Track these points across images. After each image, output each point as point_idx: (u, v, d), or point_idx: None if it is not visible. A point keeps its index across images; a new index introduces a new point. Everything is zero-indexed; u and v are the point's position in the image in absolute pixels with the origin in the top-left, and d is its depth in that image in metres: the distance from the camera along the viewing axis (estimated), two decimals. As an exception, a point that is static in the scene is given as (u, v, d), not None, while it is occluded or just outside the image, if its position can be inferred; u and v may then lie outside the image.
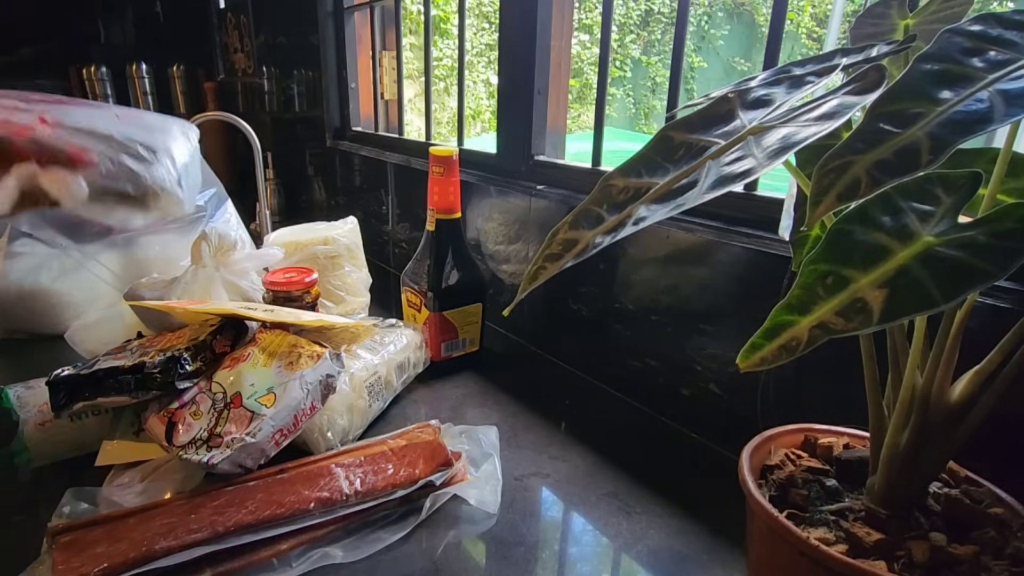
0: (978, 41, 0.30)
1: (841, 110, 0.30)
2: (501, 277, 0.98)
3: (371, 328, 0.74)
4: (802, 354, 0.29)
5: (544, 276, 0.35)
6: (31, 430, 0.60)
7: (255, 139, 1.22)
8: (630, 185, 0.35)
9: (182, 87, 2.36)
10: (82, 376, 0.57)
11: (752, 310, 0.62)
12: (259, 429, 0.53)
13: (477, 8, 4.93)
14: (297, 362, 0.58)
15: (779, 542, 0.36)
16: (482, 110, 4.98)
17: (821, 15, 5.71)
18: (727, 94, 0.37)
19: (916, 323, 0.37)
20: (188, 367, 0.58)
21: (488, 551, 0.52)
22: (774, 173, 0.32)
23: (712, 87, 0.48)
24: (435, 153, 0.79)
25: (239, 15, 1.91)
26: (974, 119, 0.26)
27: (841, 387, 0.52)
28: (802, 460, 0.43)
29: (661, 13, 5.71)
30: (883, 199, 0.31)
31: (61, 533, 0.47)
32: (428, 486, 0.56)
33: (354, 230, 0.92)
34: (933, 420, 0.36)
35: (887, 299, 0.28)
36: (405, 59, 1.31)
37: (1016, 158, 0.36)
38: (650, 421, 0.73)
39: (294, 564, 0.49)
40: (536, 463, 0.64)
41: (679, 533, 0.54)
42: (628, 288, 0.76)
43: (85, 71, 2.21)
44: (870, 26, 0.45)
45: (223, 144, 2.18)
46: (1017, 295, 0.46)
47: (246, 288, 0.79)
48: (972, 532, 0.36)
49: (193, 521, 0.48)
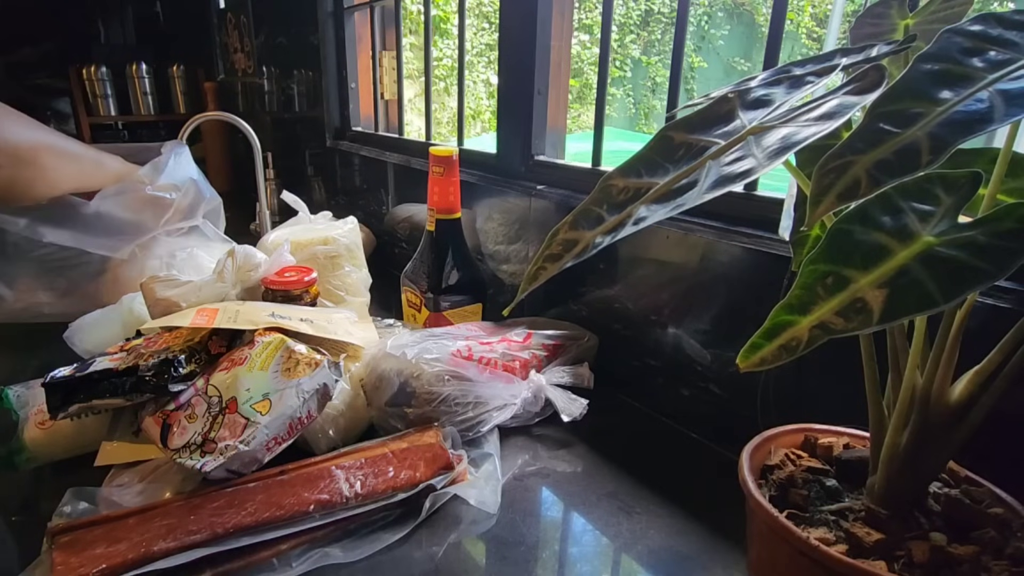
0: (978, 41, 0.30)
1: (841, 110, 0.30)
2: (501, 277, 0.98)
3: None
4: (802, 354, 0.29)
5: (544, 276, 0.35)
6: (31, 430, 0.60)
7: (255, 139, 1.22)
8: (630, 185, 0.35)
9: (182, 87, 2.36)
10: (77, 378, 0.57)
11: (752, 310, 0.62)
12: (253, 437, 0.53)
13: (477, 8, 4.93)
14: (295, 369, 0.58)
15: (779, 542, 0.36)
16: (482, 110, 4.99)
17: (821, 15, 5.71)
18: (727, 94, 0.37)
19: (916, 323, 0.37)
20: (182, 370, 0.58)
21: (488, 551, 0.52)
22: (774, 173, 0.32)
23: (712, 87, 0.48)
24: (435, 153, 0.79)
25: (239, 15, 1.92)
26: (974, 119, 0.26)
27: (841, 387, 0.52)
28: (802, 460, 0.43)
29: (661, 13, 5.71)
30: (883, 199, 0.31)
31: (61, 533, 0.47)
32: (429, 488, 0.56)
33: (354, 230, 0.92)
34: (933, 420, 0.36)
35: (887, 299, 0.28)
36: (405, 59, 1.31)
37: (1016, 158, 0.36)
38: (650, 421, 0.73)
39: (294, 564, 0.49)
40: (536, 463, 0.64)
41: (679, 533, 0.54)
42: (628, 288, 0.76)
43: (85, 71, 2.21)
44: (870, 26, 0.45)
45: (223, 144, 2.18)
46: (1017, 295, 0.46)
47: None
48: (972, 532, 0.36)
49: (192, 522, 0.48)
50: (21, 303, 0.89)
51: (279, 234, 0.89)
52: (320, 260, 0.86)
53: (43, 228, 0.87)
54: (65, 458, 0.61)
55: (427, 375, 0.64)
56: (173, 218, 0.96)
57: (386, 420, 0.65)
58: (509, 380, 0.68)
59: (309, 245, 0.87)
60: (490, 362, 0.69)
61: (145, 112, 2.34)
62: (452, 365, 0.65)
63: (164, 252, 0.94)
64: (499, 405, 0.66)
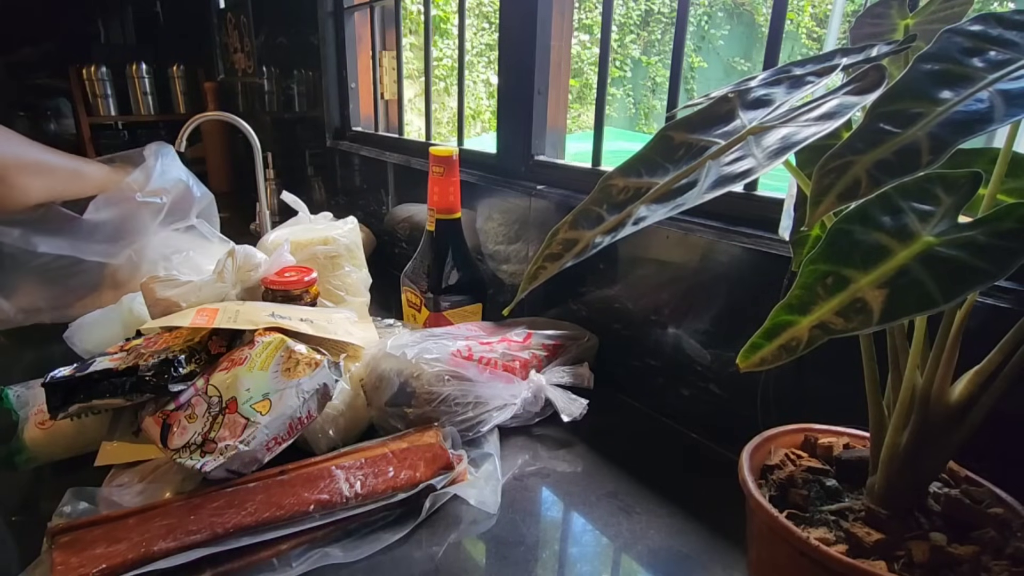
0: (978, 41, 0.30)
1: (841, 110, 0.30)
2: (501, 277, 0.98)
3: None
4: (802, 354, 0.29)
5: (544, 276, 0.35)
6: (31, 430, 0.60)
7: (255, 139, 1.22)
8: (630, 185, 0.35)
9: (182, 87, 2.36)
10: (77, 378, 0.57)
11: (752, 310, 0.62)
12: (253, 437, 0.53)
13: (477, 8, 4.93)
14: (294, 369, 0.58)
15: (779, 542, 0.36)
16: (482, 110, 4.99)
17: (821, 15, 5.71)
18: (727, 94, 0.37)
19: (916, 323, 0.37)
20: (182, 370, 0.58)
21: (488, 551, 0.52)
22: (774, 173, 0.32)
23: (712, 87, 0.48)
24: (435, 153, 0.79)
25: (239, 15, 1.91)
26: (974, 119, 0.26)
27: (841, 387, 0.52)
28: (802, 460, 0.43)
29: (661, 13, 5.71)
30: (883, 199, 0.31)
31: (61, 533, 0.47)
32: (429, 489, 0.56)
33: (354, 230, 0.92)
34: (933, 420, 0.36)
35: (887, 299, 0.28)
36: (405, 59, 1.31)
37: (1016, 158, 0.36)
38: (650, 421, 0.73)
39: (294, 564, 0.49)
40: (536, 463, 0.64)
41: (679, 533, 0.54)
42: (628, 288, 0.76)
43: (85, 71, 2.21)
44: (870, 26, 0.45)
45: (223, 144, 2.18)
46: (1017, 295, 0.46)
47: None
48: (972, 532, 0.36)
49: (192, 522, 0.48)
50: (22, 314, 0.90)
51: (279, 234, 0.89)
52: (320, 260, 0.86)
53: (37, 238, 0.88)
54: (65, 458, 0.61)
55: (427, 375, 0.64)
56: (166, 220, 0.97)
57: (386, 420, 0.65)
58: (509, 380, 0.68)
59: (309, 245, 0.87)
60: (490, 362, 0.69)
61: (145, 112, 2.34)
62: (452, 365, 0.65)
63: (159, 256, 0.95)
64: (499, 405, 0.66)
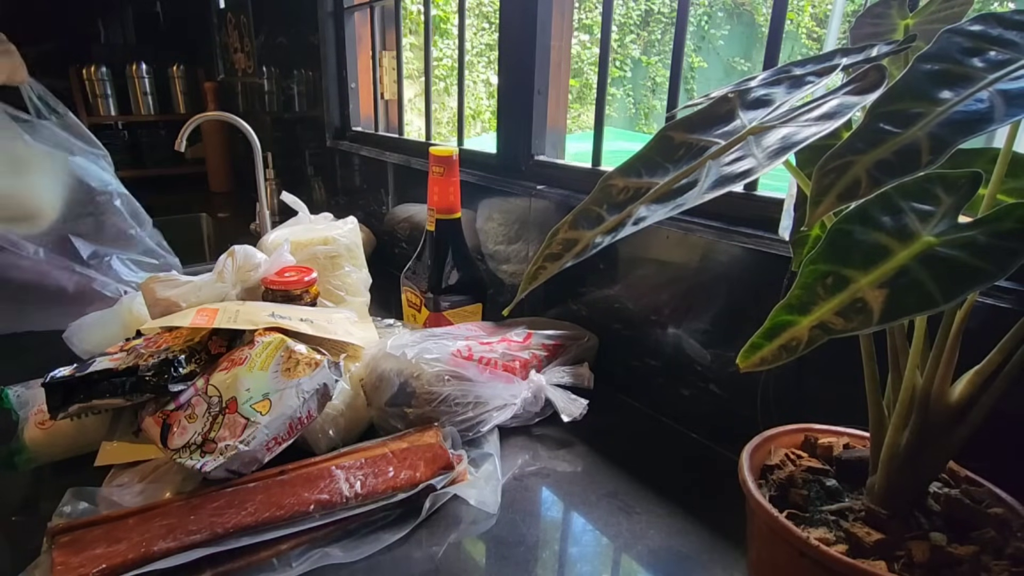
0: (978, 41, 0.30)
1: (841, 110, 0.30)
2: (501, 277, 0.98)
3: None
4: (802, 354, 0.29)
5: (544, 276, 0.35)
6: (31, 430, 0.60)
7: (255, 139, 1.22)
8: (630, 185, 0.35)
9: (182, 87, 2.36)
10: (77, 378, 0.57)
11: (752, 310, 0.62)
12: (253, 437, 0.53)
13: (477, 8, 4.93)
14: (295, 369, 0.58)
15: (779, 542, 0.36)
16: (482, 110, 4.98)
17: (821, 15, 5.71)
18: (727, 94, 0.37)
19: (916, 323, 0.37)
20: (182, 370, 0.58)
21: (488, 551, 0.52)
22: (774, 173, 0.32)
23: (712, 87, 0.48)
24: (435, 153, 0.79)
25: (239, 15, 1.92)
26: (974, 119, 0.26)
27: (841, 387, 0.52)
28: (802, 460, 0.43)
29: (661, 13, 5.71)
30: (883, 199, 0.31)
31: (61, 533, 0.47)
32: (429, 488, 0.56)
33: (354, 230, 0.92)
34: (933, 420, 0.36)
35: (887, 299, 0.28)
36: (405, 59, 1.31)
37: (1016, 158, 0.36)
38: (650, 421, 0.73)
39: (294, 564, 0.49)
40: (536, 463, 0.64)
41: (679, 533, 0.54)
42: (628, 288, 0.76)
43: (85, 71, 2.21)
44: (870, 26, 0.45)
45: (223, 144, 2.18)
46: (1017, 295, 0.46)
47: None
48: (972, 532, 0.36)
49: (192, 522, 0.48)
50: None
51: (279, 234, 0.89)
52: (320, 260, 0.86)
53: None
54: (65, 458, 0.61)
55: (427, 375, 0.64)
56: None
57: (386, 420, 0.65)
58: (509, 380, 0.68)
59: (309, 245, 0.87)
60: (490, 362, 0.69)
61: (145, 112, 2.34)
62: (452, 365, 0.65)
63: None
64: (499, 405, 0.66)
